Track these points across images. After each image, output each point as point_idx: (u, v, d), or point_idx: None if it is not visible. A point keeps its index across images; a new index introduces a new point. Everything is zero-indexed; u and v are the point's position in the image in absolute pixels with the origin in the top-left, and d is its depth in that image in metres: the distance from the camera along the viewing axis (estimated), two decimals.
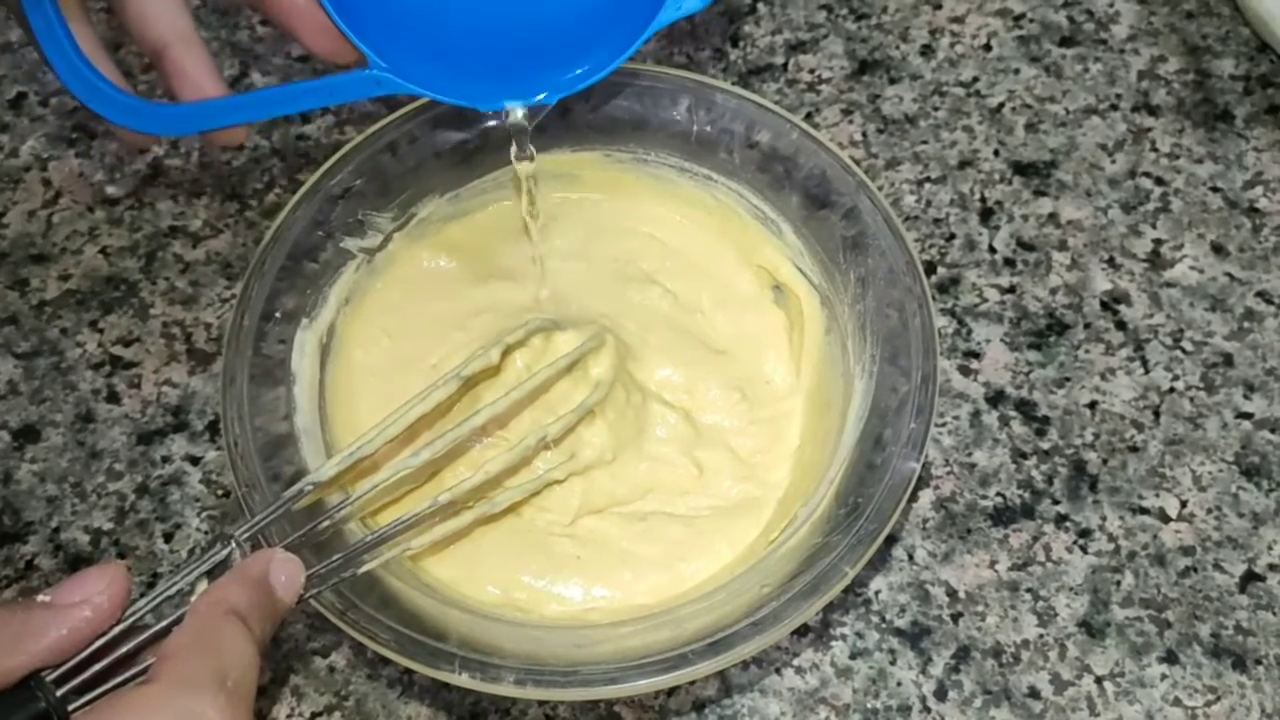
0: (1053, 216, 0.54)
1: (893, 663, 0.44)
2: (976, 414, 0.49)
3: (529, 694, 0.36)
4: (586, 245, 0.49)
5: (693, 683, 0.43)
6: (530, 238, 0.46)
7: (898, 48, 0.59)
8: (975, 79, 0.58)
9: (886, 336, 0.42)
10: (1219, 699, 0.43)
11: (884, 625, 0.45)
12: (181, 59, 0.42)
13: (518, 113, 0.42)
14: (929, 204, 0.54)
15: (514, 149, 0.43)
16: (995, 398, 0.49)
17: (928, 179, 0.55)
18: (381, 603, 0.37)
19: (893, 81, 0.58)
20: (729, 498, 0.44)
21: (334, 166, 0.45)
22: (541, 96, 0.42)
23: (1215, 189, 0.54)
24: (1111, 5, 0.60)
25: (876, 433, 0.40)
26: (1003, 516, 0.47)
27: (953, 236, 0.53)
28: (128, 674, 0.32)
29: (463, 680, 0.36)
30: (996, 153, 0.56)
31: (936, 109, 0.57)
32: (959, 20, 0.60)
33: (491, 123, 0.46)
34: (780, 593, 0.37)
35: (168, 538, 0.47)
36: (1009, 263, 0.53)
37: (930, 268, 0.53)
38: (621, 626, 0.38)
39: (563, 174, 0.48)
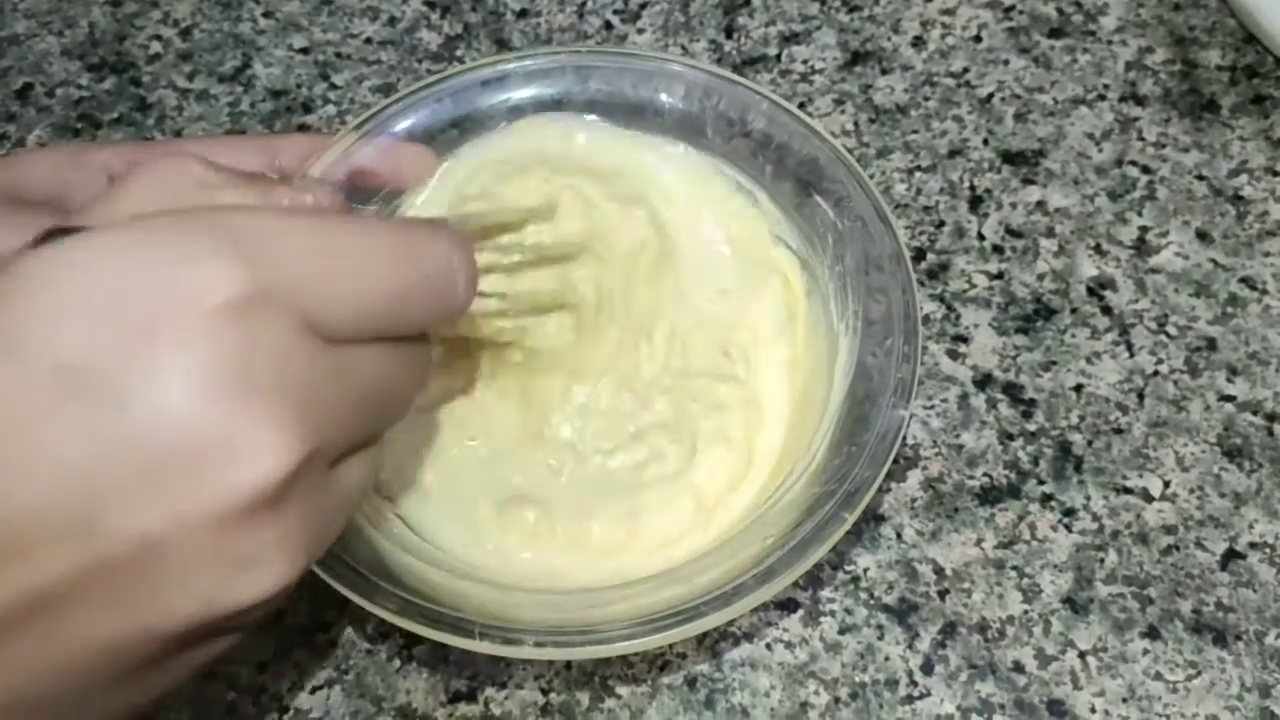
0: (1040, 204, 0.55)
1: (880, 638, 0.45)
2: (964, 396, 0.50)
3: (548, 655, 0.37)
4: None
5: (684, 655, 0.44)
6: None
7: (889, 39, 0.60)
8: (965, 70, 0.59)
9: (867, 292, 0.43)
10: (1199, 673, 0.44)
11: (872, 602, 0.46)
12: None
13: None
14: (919, 192, 0.55)
15: None
16: (983, 381, 0.50)
17: (918, 168, 0.56)
18: (396, 580, 0.38)
19: (884, 72, 0.59)
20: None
21: (313, 165, 0.46)
22: None
23: (1201, 177, 0.55)
24: None
25: (865, 384, 0.41)
26: (989, 496, 0.48)
27: (942, 224, 0.54)
28: None
29: (484, 647, 0.37)
30: (986, 142, 0.57)
31: (927, 99, 0.58)
32: (950, 12, 0.61)
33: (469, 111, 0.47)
34: (784, 542, 0.38)
35: None
36: (997, 249, 0.54)
37: (920, 254, 0.54)
38: (632, 586, 0.39)
39: None
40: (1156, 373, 0.50)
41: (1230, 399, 0.49)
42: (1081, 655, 0.44)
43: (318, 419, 0.25)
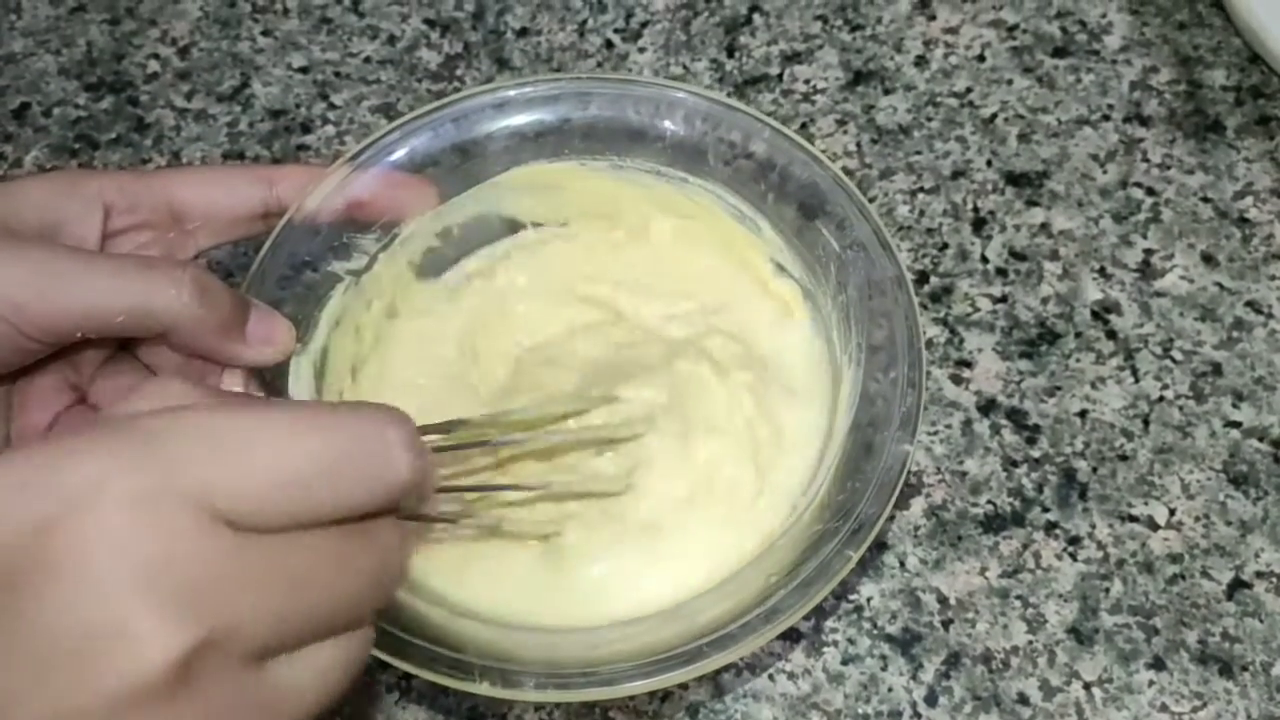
0: (1044, 226, 0.54)
1: (884, 669, 0.45)
2: (968, 423, 0.50)
3: (549, 697, 0.36)
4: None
5: (685, 686, 0.44)
6: None
7: (892, 58, 0.60)
8: (969, 89, 0.59)
9: (870, 317, 0.43)
10: (1205, 705, 0.43)
11: (875, 632, 0.45)
12: None
13: None
14: (922, 214, 0.55)
15: None
16: (987, 406, 0.50)
17: (921, 189, 0.56)
18: (392, 619, 0.38)
19: (887, 92, 0.59)
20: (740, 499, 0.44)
21: (311, 195, 0.44)
22: None
23: (1206, 199, 0.55)
24: (1104, 16, 0.60)
25: (869, 411, 0.41)
26: (993, 524, 0.47)
27: (945, 246, 0.54)
28: None
29: (484, 689, 0.36)
30: (989, 163, 0.56)
31: (930, 119, 0.58)
32: (953, 31, 0.61)
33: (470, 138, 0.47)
34: (787, 581, 0.37)
35: None
36: (1001, 272, 0.53)
37: (923, 277, 0.53)
38: (634, 625, 0.38)
39: (541, 185, 0.49)
40: (1162, 398, 0.50)
41: (1236, 425, 0.49)
42: (1087, 687, 0.44)
43: (217, 608, 0.24)
